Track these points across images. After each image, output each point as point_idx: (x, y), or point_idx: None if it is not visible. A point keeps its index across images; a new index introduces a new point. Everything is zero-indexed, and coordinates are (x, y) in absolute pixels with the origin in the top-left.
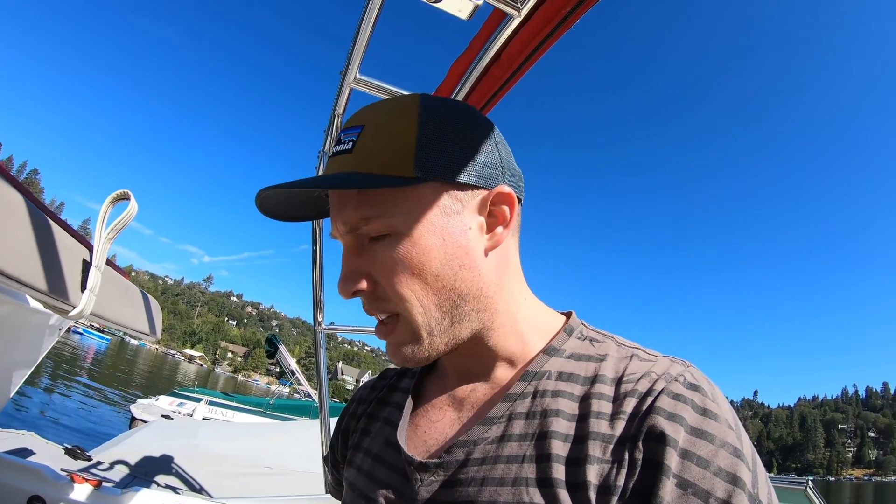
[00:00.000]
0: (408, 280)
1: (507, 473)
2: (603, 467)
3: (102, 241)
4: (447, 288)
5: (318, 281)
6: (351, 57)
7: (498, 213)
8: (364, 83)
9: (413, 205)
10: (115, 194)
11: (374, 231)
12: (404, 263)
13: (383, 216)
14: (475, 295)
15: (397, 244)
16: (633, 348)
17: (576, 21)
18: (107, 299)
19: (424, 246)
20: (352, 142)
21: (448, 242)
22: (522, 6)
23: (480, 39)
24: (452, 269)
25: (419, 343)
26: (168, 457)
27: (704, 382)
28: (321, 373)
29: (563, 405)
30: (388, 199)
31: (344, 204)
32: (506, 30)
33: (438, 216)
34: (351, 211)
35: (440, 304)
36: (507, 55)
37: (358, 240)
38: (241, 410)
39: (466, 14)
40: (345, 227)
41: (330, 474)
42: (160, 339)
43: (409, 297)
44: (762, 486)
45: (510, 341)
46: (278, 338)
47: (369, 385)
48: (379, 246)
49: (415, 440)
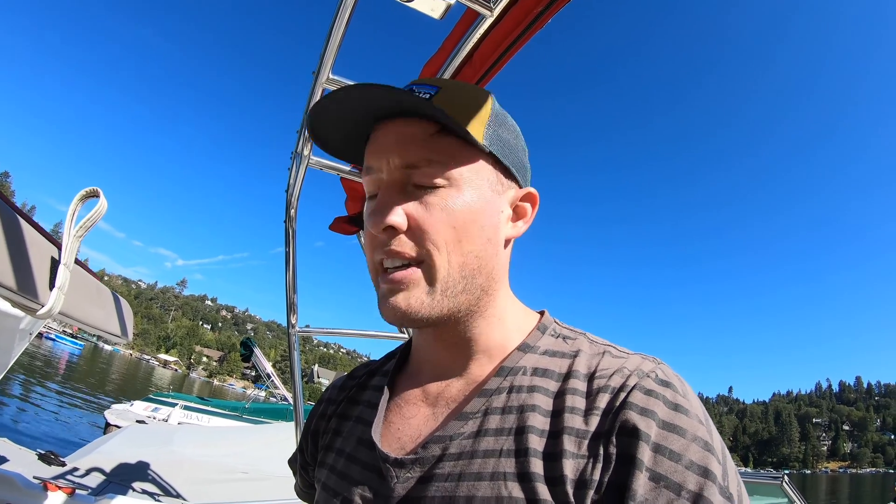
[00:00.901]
0: (446, 231)
1: (485, 468)
2: (578, 462)
3: (71, 238)
4: (473, 253)
5: (291, 283)
6: (323, 57)
7: (522, 210)
8: (337, 83)
9: (473, 166)
10: (84, 191)
11: (431, 176)
12: (449, 214)
13: (446, 165)
14: (488, 272)
15: (447, 194)
16: (605, 345)
17: (548, 20)
18: (76, 299)
19: (471, 206)
20: (429, 94)
21: (487, 213)
22: (495, 6)
23: (453, 40)
24: (482, 239)
25: (432, 297)
26: (143, 462)
27: (675, 379)
28: (295, 375)
29: (538, 400)
30: (454, 151)
31: (410, 139)
32: (478, 30)
33: (486, 187)
34: (417, 148)
35: (462, 266)
36: (480, 55)
37: (405, 179)
38: (217, 415)
39: (439, 13)
40: (401, 162)
41: (298, 476)
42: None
43: (441, 247)
44: (732, 480)
45: (494, 333)
46: (253, 341)
47: (338, 385)
48: (426, 191)
49: (389, 437)
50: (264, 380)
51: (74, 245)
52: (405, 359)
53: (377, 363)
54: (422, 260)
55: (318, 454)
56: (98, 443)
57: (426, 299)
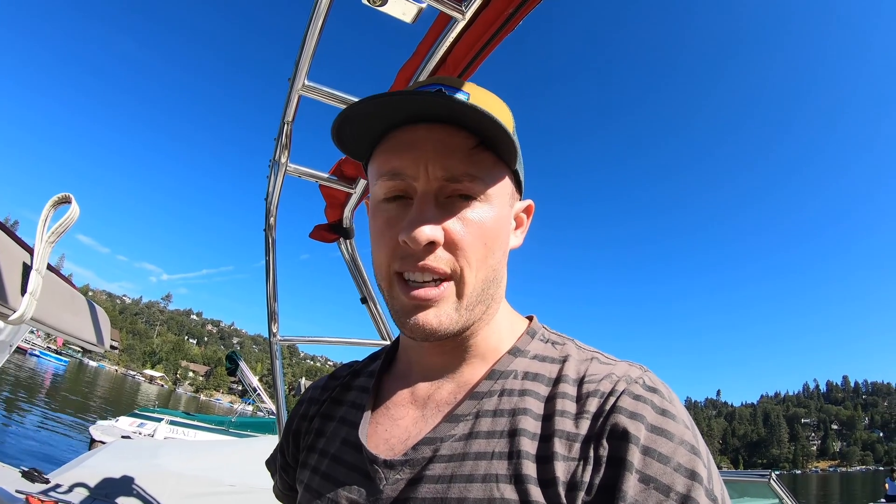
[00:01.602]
0: (478, 248)
1: (477, 470)
2: (570, 464)
3: (43, 244)
4: (492, 267)
5: (272, 292)
6: (298, 64)
7: (520, 220)
8: (313, 90)
9: (502, 181)
10: (56, 197)
11: (470, 191)
12: (482, 231)
13: (484, 180)
14: (498, 282)
15: (481, 211)
16: (593, 352)
17: (519, 22)
18: (49, 305)
19: (498, 221)
20: (465, 97)
21: (504, 227)
22: (466, 9)
23: (427, 43)
24: (500, 252)
25: (459, 312)
26: (128, 477)
27: (661, 385)
28: (278, 385)
29: (529, 404)
30: (492, 166)
31: (453, 151)
32: (451, 33)
33: (507, 202)
34: (460, 162)
35: (485, 280)
36: (453, 58)
37: (441, 191)
38: (203, 429)
39: (410, 17)
40: (444, 174)
41: (277, 477)
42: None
43: (473, 264)
44: (716, 483)
45: (491, 338)
46: (238, 354)
47: (320, 385)
48: (460, 206)
49: (376, 439)
50: (250, 393)
51: (46, 251)
52: (391, 360)
53: (361, 363)
54: (454, 276)
55: (300, 455)
56: (82, 458)
57: (454, 315)
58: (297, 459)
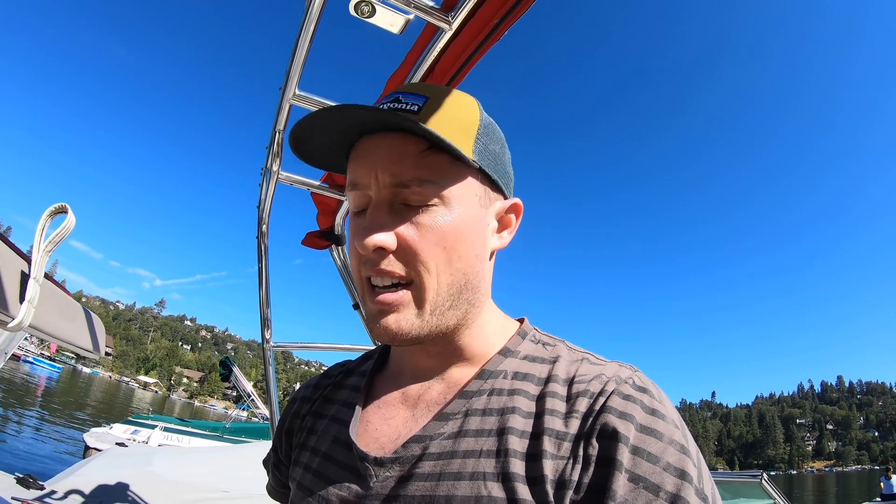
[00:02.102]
0: (437, 251)
1: (465, 468)
2: (558, 463)
3: (41, 253)
4: (461, 271)
5: (265, 298)
6: (289, 73)
7: (507, 220)
8: (304, 99)
9: (462, 183)
10: (52, 207)
11: (421, 195)
12: (438, 234)
13: (437, 184)
14: (475, 286)
15: (438, 214)
16: (583, 352)
17: (505, 31)
18: (46, 313)
19: (459, 224)
20: (417, 105)
21: (475, 229)
22: (453, 20)
23: (415, 53)
24: (471, 255)
25: (421, 318)
26: (123, 485)
27: (651, 385)
28: (271, 390)
29: (519, 403)
30: (447, 169)
31: (401, 157)
32: (438, 43)
33: (475, 203)
34: (408, 167)
35: (451, 285)
36: (441, 68)
37: (393, 197)
38: (198, 436)
39: (398, 28)
40: (392, 180)
41: (271, 475)
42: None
43: (431, 269)
44: (706, 482)
45: (477, 342)
46: (232, 360)
47: (312, 384)
48: (415, 211)
49: (366, 437)
50: (244, 399)
51: (44, 260)
52: (383, 360)
53: (353, 363)
54: (411, 281)
55: (293, 453)
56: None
57: (416, 321)
58: (289, 457)
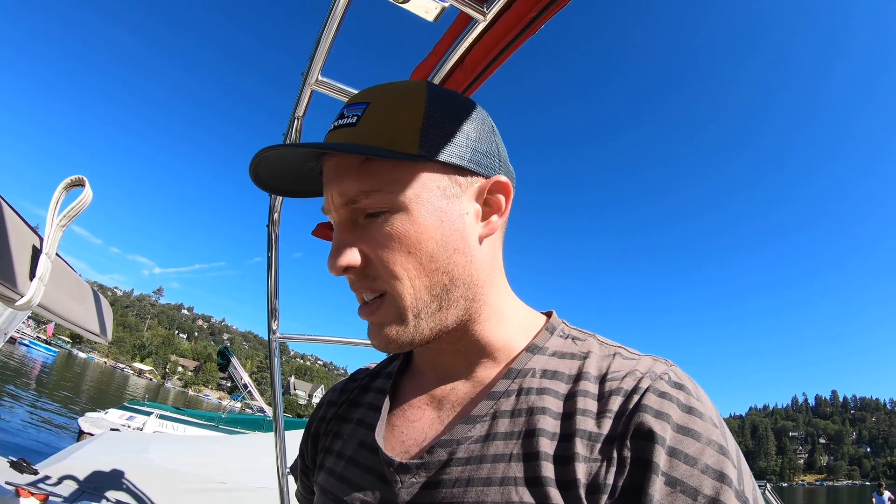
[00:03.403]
0: (402, 258)
1: (494, 473)
2: (591, 466)
3: (54, 227)
4: (440, 270)
5: (273, 288)
6: (314, 58)
7: (494, 202)
8: (326, 85)
9: (414, 182)
10: (69, 180)
11: (373, 206)
12: (401, 241)
13: (383, 191)
14: (466, 281)
15: (395, 221)
16: (616, 347)
17: (540, 26)
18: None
19: (422, 225)
20: (356, 116)
21: (445, 224)
22: (488, 10)
23: (444, 43)
24: (447, 252)
25: (404, 324)
26: (118, 471)
27: (688, 381)
28: (275, 382)
29: (548, 403)
30: (390, 173)
31: (343, 175)
32: (470, 34)
33: (438, 197)
34: (350, 182)
35: (431, 287)
36: (471, 60)
37: (352, 214)
38: (193, 424)
39: (433, 16)
40: (341, 200)
41: (299, 482)
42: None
43: (401, 276)
44: (748, 483)
45: (495, 336)
46: (230, 350)
47: (338, 388)
48: (375, 222)
49: (392, 441)
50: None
51: (57, 235)
52: (408, 361)
53: (380, 365)
54: (385, 291)
55: (318, 457)
56: (71, 450)
57: (400, 328)
58: (315, 462)
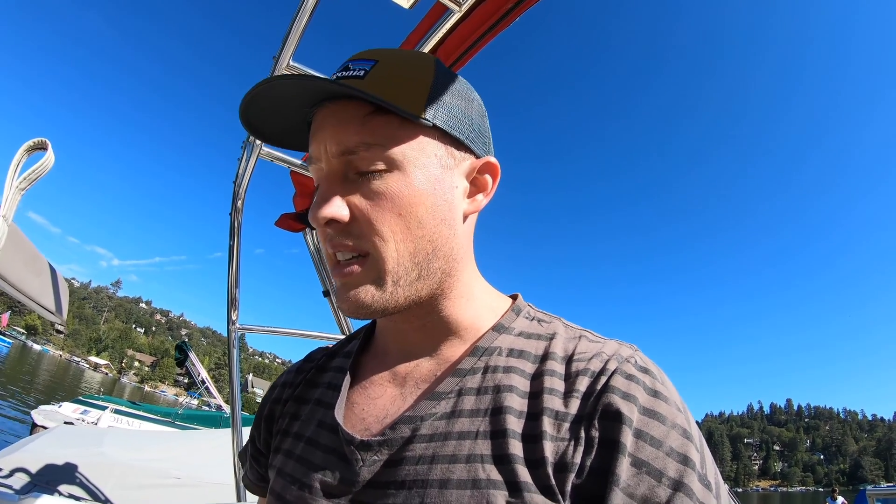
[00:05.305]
0: (391, 219)
1: (460, 450)
2: (558, 444)
3: (13, 190)
4: (425, 238)
5: (234, 278)
6: (286, 42)
7: (481, 181)
8: (297, 71)
9: (416, 144)
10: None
11: (370, 161)
12: (393, 201)
13: (384, 146)
14: (446, 254)
15: (390, 179)
16: (581, 330)
17: (515, 19)
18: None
19: (417, 188)
20: (364, 70)
21: (437, 193)
22: (464, 1)
23: (418, 33)
24: (435, 221)
25: (382, 289)
26: (71, 465)
27: (653, 366)
28: (234, 374)
29: (515, 381)
30: (393, 130)
31: (344, 124)
32: (444, 24)
33: (434, 164)
34: (352, 133)
35: (414, 253)
36: (444, 50)
37: (344, 167)
38: (149, 420)
39: (409, 3)
40: (338, 149)
41: (249, 468)
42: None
43: (387, 238)
44: (710, 468)
45: (463, 314)
46: (189, 345)
47: (294, 369)
48: (368, 179)
49: (352, 419)
50: (198, 385)
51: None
52: (368, 339)
53: (337, 345)
54: (368, 252)
55: (273, 441)
56: (24, 443)
57: (376, 292)
58: (269, 446)
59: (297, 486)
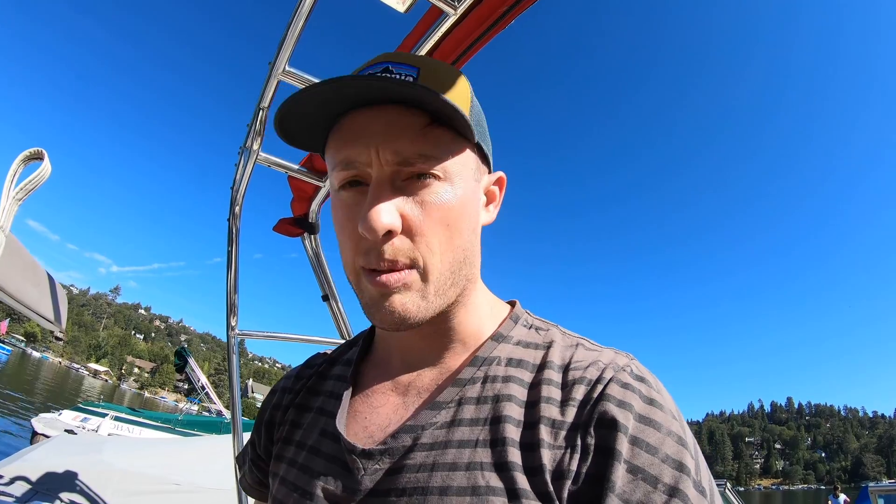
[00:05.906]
0: (441, 230)
1: (460, 458)
2: (556, 452)
3: (10, 200)
4: (460, 248)
5: (232, 284)
6: (282, 47)
7: (491, 194)
8: (293, 76)
9: (463, 157)
10: (27, 152)
11: (424, 172)
12: (445, 212)
13: (439, 160)
14: (471, 262)
15: (441, 191)
16: (577, 337)
17: (510, 21)
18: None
19: (463, 200)
20: (411, 77)
21: (471, 204)
22: (459, 4)
23: (414, 36)
24: (468, 230)
25: (426, 298)
26: (72, 473)
27: (648, 374)
28: (234, 380)
29: (514, 391)
30: (448, 143)
31: (400, 133)
32: (440, 28)
33: (472, 177)
34: (408, 142)
35: (452, 263)
36: (440, 53)
37: (393, 176)
38: (149, 427)
39: (404, 7)
40: (395, 158)
41: (248, 472)
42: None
43: (436, 249)
44: (704, 474)
45: (471, 322)
46: (188, 350)
47: (293, 374)
48: (419, 189)
49: (355, 427)
50: (198, 391)
51: (13, 208)
52: (368, 346)
53: (336, 352)
54: (416, 262)
55: (273, 447)
56: (25, 452)
57: (421, 302)
58: (269, 452)
59: (299, 493)
